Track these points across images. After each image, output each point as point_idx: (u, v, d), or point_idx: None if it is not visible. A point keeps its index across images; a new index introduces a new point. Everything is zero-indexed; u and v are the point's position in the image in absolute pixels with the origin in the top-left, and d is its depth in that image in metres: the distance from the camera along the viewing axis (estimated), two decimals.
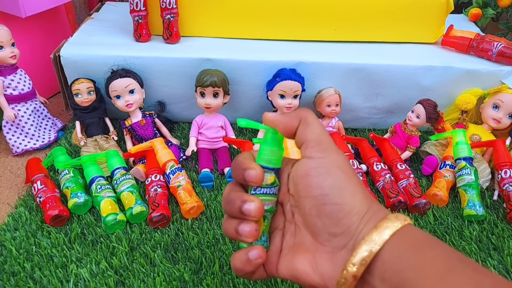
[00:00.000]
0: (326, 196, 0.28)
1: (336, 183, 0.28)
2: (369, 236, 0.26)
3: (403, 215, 0.27)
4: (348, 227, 0.27)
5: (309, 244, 0.30)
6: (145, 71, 0.77)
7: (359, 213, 0.27)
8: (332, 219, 0.28)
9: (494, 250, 0.61)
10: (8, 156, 0.78)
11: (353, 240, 0.27)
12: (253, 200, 0.30)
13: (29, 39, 0.87)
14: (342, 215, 0.27)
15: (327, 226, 0.28)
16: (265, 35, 0.84)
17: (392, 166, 0.72)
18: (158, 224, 0.62)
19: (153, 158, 0.70)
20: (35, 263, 0.56)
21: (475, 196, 0.66)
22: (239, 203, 0.30)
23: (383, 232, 0.26)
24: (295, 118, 0.30)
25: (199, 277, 0.55)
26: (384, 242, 0.25)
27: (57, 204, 0.62)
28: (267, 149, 0.31)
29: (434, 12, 0.81)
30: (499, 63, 0.78)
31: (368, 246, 0.26)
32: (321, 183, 0.28)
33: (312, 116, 0.30)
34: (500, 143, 0.72)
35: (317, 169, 0.29)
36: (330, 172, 0.28)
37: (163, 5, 0.77)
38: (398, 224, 0.26)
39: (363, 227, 0.27)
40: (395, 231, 0.26)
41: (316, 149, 0.29)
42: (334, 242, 0.28)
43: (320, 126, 0.30)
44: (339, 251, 0.28)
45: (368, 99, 0.82)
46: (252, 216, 0.30)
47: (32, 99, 0.78)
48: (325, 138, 0.30)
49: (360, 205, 0.28)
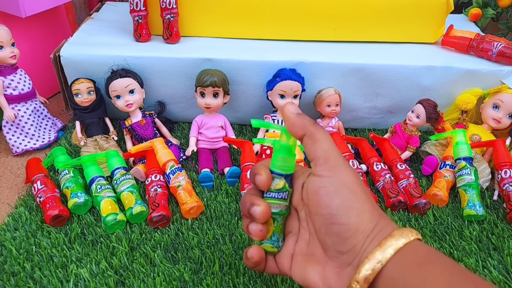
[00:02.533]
0: (334, 216, 0.29)
1: (343, 203, 0.29)
2: (372, 254, 0.27)
3: (409, 230, 0.28)
4: (354, 246, 0.28)
5: (320, 256, 0.31)
6: (145, 71, 0.77)
7: (365, 231, 0.28)
8: (339, 238, 0.29)
9: (494, 250, 0.61)
10: (8, 156, 0.78)
11: (358, 258, 0.28)
12: (260, 204, 0.33)
13: (29, 39, 0.87)
14: (348, 235, 0.28)
15: (334, 244, 0.29)
16: (265, 35, 0.84)
17: (392, 166, 0.72)
18: (158, 224, 0.62)
19: (153, 158, 0.70)
20: (35, 263, 0.56)
21: (475, 196, 0.66)
22: (248, 206, 0.33)
23: (386, 251, 0.27)
24: (302, 128, 0.31)
25: (199, 277, 0.55)
26: (387, 260, 0.26)
27: (57, 204, 0.62)
28: (280, 156, 0.33)
29: (434, 12, 0.81)
30: (499, 63, 0.78)
31: (371, 265, 0.26)
32: (329, 203, 0.29)
33: (320, 132, 0.31)
34: (500, 143, 0.72)
35: (325, 188, 0.29)
36: (337, 192, 0.29)
37: (163, 5, 0.77)
38: (403, 241, 0.27)
39: (368, 245, 0.28)
40: (398, 249, 0.27)
41: (324, 167, 0.30)
42: (341, 259, 0.29)
43: (329, 141, 0.31)
44: (346, 267, 0.29)
45: (368, 99, 0.82)
46: (257, 219, 0.32)
47: (32, 99, 0.78)
48: (334, 154, 0.30)
49: (366, 224, 0.28)
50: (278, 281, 0.54)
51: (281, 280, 0.54)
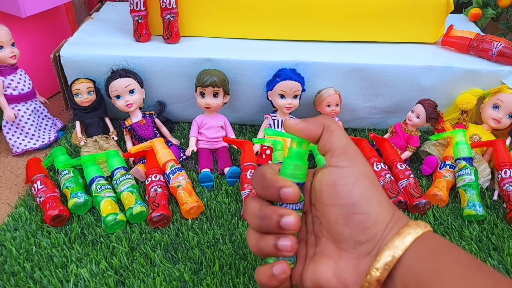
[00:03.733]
0: (355, 205, 0.29)
1: (365, 192, 0.29)
2: (392, 242, 0.27)
3: (423, 222, 0.28)
4: (374, 235, 0.28)
5: (331, 252, 0.31)
6: (145, 71, 0.77)
7: (385, 221, 0.28)
8: (359, 227, 0.29)
9: (494, 250, 0.61)
10: (8, 156, 0.78)
11: (377, 247, 0.28)
12: (290, 213, 0.30)
13: (29, 39, 0.87)
14: (369, 224, 0.28)
15: (353, 235, 0.29)
16: (265, 35, 0.84)
17: (392, 166, 0.72)
18: (158, 224, 0.62)
19: (153, 158, 0.70)
20: (35, 263, 0.56)
21: (475, 196, 0.66)
22: (277, 218, 0.30)
23: (405, 238, 0.27)
24: (319, 125, 0.30)
25: (199, 277, 0.55)
26: (406, 248, 0.27)
27: (57, 204, 0.62)
28: (292, 164, 0.31)
29: (434, 12, 0.81)
30: (499, 63, 0.78)
31: (391, 252, 0.27)
32: (350, 193, 0.29)
33: (334, 124, 0.31)
34: (500, 143, 0.72)
35: (344, 179, 0.29)
36: (358, 182, 0.29)
37: (163, 5, 0.77)
38: (419, 230, 0.27)
39: (387, 234, 0.28)
40: (417, 237, 0.27)
41: (342, 158, 0.30)
42: (360, 250, 0.29)
43: (345, 134, 0.31)
44: (364, 258, 0.29)
45: (368, 99, 0.82)
46: (292, 230, 0.30)
47: (32, 99, 0.78)
48: (351, 146, 0.30)
49: (385, 214, 0.29)
50: None
51: None
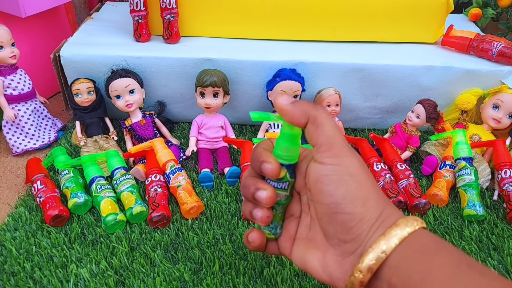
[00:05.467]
0: (338, 205, 0.28)
1: (349, 192, 0.28)
2: (376, 244, 0.26)
3: (414, 218, 0.27)
4: (358, 235, 0.27)
5: (321, 243, 0.31)
6: (145, 71, 0.77)
7: (370, 220, 0.27)
8: (343, 227, 0.28)
9: (494, 250, 0.61)
10: (8, 156, 0.78)
11: (361, 247, 0.27)
12: (266, 188, 0.31)
13: (29, 39, 0.87)
14: (353, 224, 0.27)
15: (337, 233, 0.28)
16: (265, 35, 0.84)
17: (392, 166, 0.72)
18: (158, 224, 0.62)
19: (153, 158, 0.70)
20: (35, 263, 0.56)
21: (475, 196, 0.66)
22: (253, 190, 0.31)
23: (391, 240, 0.26)
24: (303, 114, 0.29)
25: (199, 277, 0.55)
26: (392, 250, 0.26)
27: (57, 204, 0.62)
28: (281, 146, 0.31)
29: (434, 12, 0.81)
30: (499, 63, 0.78)
31: (375, 254, 0.26)
32: (333, 192, 0.28)
33: (322, 116, 0.29)
34: (500, 143, 0.72)
35: (328, 177, 0.28)
36: (342, 181, 0.28)
37: (163, 5, 0.77)
38: (408, 230, 0.26)
39: (372, 234, 0.27)
40: (403, 238, 0.26)
41: (327, 154, 0.28)
42: (344, 248, 0.28)
43: (332, 126, 0.29)
44: (348, 256, 0.28)
45: (368, 99, 0.82)
46: (264, 203, 0.31)
47: (32, 99, 0.78)
48: (337, 140, 0.29)
49: (372, 213, 0.28)
50: (278, 281, 0.54)
51: (281, 280, 0.54)
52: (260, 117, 0.30)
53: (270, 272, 0.55)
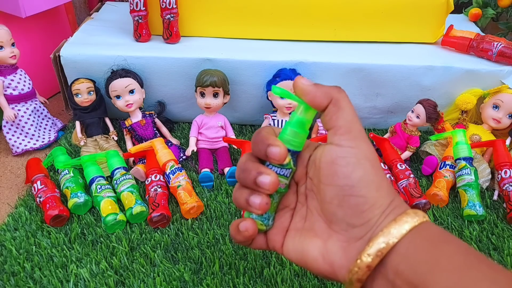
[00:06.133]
0: (353, 187, 0.28)
1: (365, 175, 0.28)
2: (387, 228, 0.26)
3: (422, 212, 0.27)
4: (369, 220, 0.27)
5: (321, 231, 0.30)
6: (145, 71, 0.77)
7: (382, 206, 0.27)
8: (354, 210, 0.28)
9: (494, 250, 0.61)
10: (8, 156, 0.78)
11: (370, 232, 0.27)
12: (270, 173, 0.29)
13: (29, 39, 0.87)
14: (366, 208, 0.27)
15: (347, 217, 0.28)
16: (265, 35, 0.83)
17: (392, 166, 0.72)
18: (158, 224, 0.62)
19: (153, 158, 0.70)
20: (35, 263, 0.56)
21: (475, 196, 0.66)
22: (255, 174, 0.29)
23: (402, 226, 0.26)
24: (326, 95, 0.29)
25: (199, 277, 0.55)
26: (402, 236, 0.26)
27: (57, 204, 0.62)
28: (290, 130, 0.30)
29: (434, 12, 0.81)
30: (499, 63, 0.78)
31: (386, 238, 0.26)
32: (349, 174, 0.28)
33: (345, 99, 0.29)
34: (500, 143, 0.72)
35: (346, 159, 0.28)
36: (359, 164, 0.28)
37: (163, 5, 0.77)
38: (417, 219, 0.26)
39: (383, 220, 0.27)
40: (414, 226, 0.26)
41: (346, 137, 0.28)
42: (352, 233, 0.28)
43: (353, 112, 0.29)
44: (355, 242, 0.28)
45: (368, 99, 0.82)
46: (266, 189, 0.29)
47: (32, 99, 0.78)
48: (357, 126, 0.29)
49: (384, 199, 0.28)
50: (278, 281, 0.54)
51: (281, 280, 0.54)
52: (282, 93, 0.29)
53: (270, 272, 0.55)
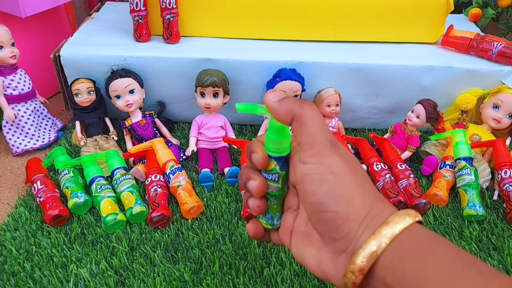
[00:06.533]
0: (322, 204, 0.27)
1: (331, 191, 0.27)
2: (367, 244, 0.25)
3: (406, 213, 0.27)
4: (346, 233, 0.27)
5: (315, 240, 0.31)
6: (145, 71, 0.77)
7: (357, 218, 0.27)
8: (330, 225, 0.28)
9: (494, 250, 0.61)
10: (8, 156, 0.78)
11: (352, 246, 0.27)
12: (255, 179, 0.31)
13: (29, 39, 0.87)
14: (340, 222, 0.27)
15: (326, 232, 0.28)
16: (265, 35, 0.83)
17: (392, 166, 0.72)
18: (158, 224, 0.62)
19: (153, 158, 0.70)
20: (35, 263, 0.56)
21: (475, 196, 0.66)
22: (245, 179, 0.32)
23: (381, 240, 0.25)
24: (288, 113, 0.29)
25: (199, 277, 0.55)
26: (382, 250, 0.25)
27: (57, 204, 0.62)
28: (268, 137, 0.31)
29: (434, 12, 0.81)
30: (499, 63, 0.78)
31: (365, 255, 0.25)
32: (316, 191, 0.28)
33: (307, 113, 0.29)
34: (500, 143, 0.72)
35: (310, 176, 0.28)
36: (324, 180, 0.28)
37: (163, 5, 0.77)
38: (399, 227, 0.26)
39: (361, 233, 0.27)
40: (395, 236, 0.25)
41: (309, 153, 0.28)
42: (335, 246, 0.28)
43: (317, 125, 0.29)
44: (340, 254, 0.28)
45: (368, 99, 0.82)
46: (253, 193, 0.32)
47: (32, 99, 0.78)
48: (320, 139, 0.28)
49: (358, 210, 0.27)
50: (278, 281, 0.54)
51: (281, 280, 0.54)
52: (246, 109, 0.31)
53: (270, 272, 0.55)
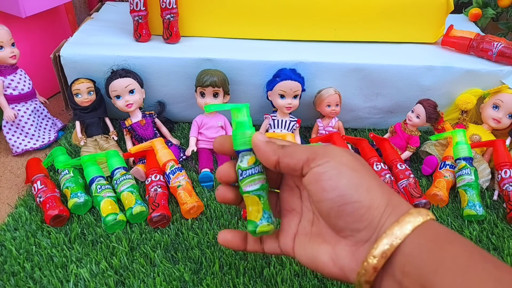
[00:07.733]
0: (344, 196, 0.28)
1: (350, 181, 0.28)
2: (390, 229, 0.26)
3: (426, 210, 0.28)
4: (370, 222, 0.28)
5: (329, 237, 0.31)
6: (145, 71, 0.77)
7: (379, 207, 0.28)
8: (354, 217, 0.28)
9: (494, 250, 0.61)
10: (8, 156, 0.78)
11: (376, 233, 0.28)
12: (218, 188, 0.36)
13: (29, 39, 0.87)
14: (363, 211, 0.28)
15: (349, 224, 0.29)
16: (265, 35, 0.84)
17: (392, 166, 0.72)
18: (158, 224, 0.62)
19: (153, 158, 0.70)
20: (35, 263, 0.56)
21: (475, 196, 0.66)
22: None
23: (405, 227, 0.26)
24: (273, 153, 0.31)
25: (199, 277, 0.55)
26: (405, 236, 0.26)
27: (57, 204, 0.62)
28: (238, 134, 0.33)
29: (434, 12, 0.81)
30: (499, 63, 0.78)
31: (389, 240, 0.26)
32: (336, 185, 0.28)
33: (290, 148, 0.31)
34: (500, 143, 0.72)
35: (327, 173, 0.29)
36: (341, 173, 0.28)
37: (163, 5, 0.77)
38: (420, 219, 0.26)
39: (385, 220, 0.27)
40: (417, 226, 0.26)
41: (317, 160, 0.29)
42: (358, 237, 0.29)
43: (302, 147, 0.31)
44: (362, 244, 0.28)
45: (368, 99, 0.82)
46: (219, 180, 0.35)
47: (32, 99, 0.78)
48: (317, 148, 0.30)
49: (379, 200, 0.28)
50: (278, 281, 0.54)
51: (281, 280, 0.54)
52: (213, 108, 0.35)
53: (270, 272, 0.55)
